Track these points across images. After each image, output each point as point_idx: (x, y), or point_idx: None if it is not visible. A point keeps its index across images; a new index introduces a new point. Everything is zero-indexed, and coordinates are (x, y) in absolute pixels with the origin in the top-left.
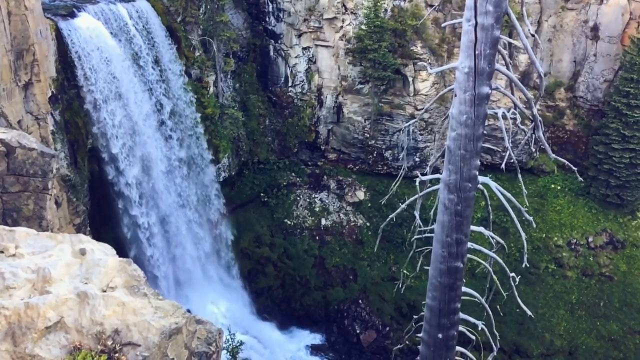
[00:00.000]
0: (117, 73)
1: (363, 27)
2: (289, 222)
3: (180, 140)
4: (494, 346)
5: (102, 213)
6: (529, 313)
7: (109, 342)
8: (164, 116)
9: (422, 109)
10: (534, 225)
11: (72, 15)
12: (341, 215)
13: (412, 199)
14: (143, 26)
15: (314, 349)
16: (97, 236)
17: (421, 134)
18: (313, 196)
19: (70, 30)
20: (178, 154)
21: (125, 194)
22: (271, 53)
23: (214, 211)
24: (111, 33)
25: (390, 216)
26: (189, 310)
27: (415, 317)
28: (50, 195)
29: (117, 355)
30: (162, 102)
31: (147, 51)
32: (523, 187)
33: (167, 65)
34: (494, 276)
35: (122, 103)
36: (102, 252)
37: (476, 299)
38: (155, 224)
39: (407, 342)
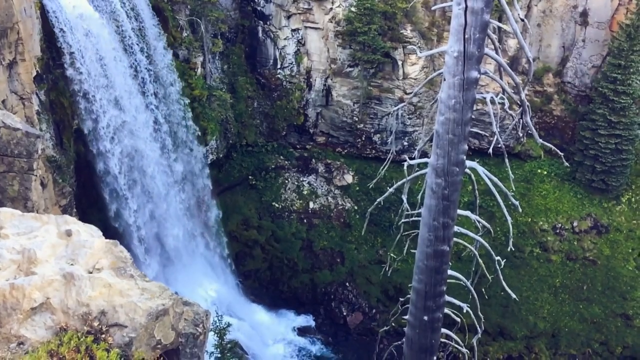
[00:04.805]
0: (102, 52)
1: (353, 9)
2: (277, 205)
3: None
4: (478, 328)
5: (88, 194)
6: (514, 296)
7: (95, 323)
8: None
9: (411, 93)
10: (520, 210)
11: None
12: (329, 198)
13: (400, 182)
14: (129, 3)
15: (301, 331)
16: (83, 218)
17: (410, 118)
18: (301, 179)
19: (55, 8)
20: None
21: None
22: (260, 34)
23: (202, 192)
24: (97, 10)
25: (378, 200)
26: (176, 292)
27: (401, 299)
28: (36, 176)
29: (103, 336)
30: (146, 80)
31: (133, 29)
32: (510, 172)
33: (152, 43)
34: (480, 260)
35: (108, 83)
36: (88, 234)
37: (462, 282)
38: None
39: (393, 324)
